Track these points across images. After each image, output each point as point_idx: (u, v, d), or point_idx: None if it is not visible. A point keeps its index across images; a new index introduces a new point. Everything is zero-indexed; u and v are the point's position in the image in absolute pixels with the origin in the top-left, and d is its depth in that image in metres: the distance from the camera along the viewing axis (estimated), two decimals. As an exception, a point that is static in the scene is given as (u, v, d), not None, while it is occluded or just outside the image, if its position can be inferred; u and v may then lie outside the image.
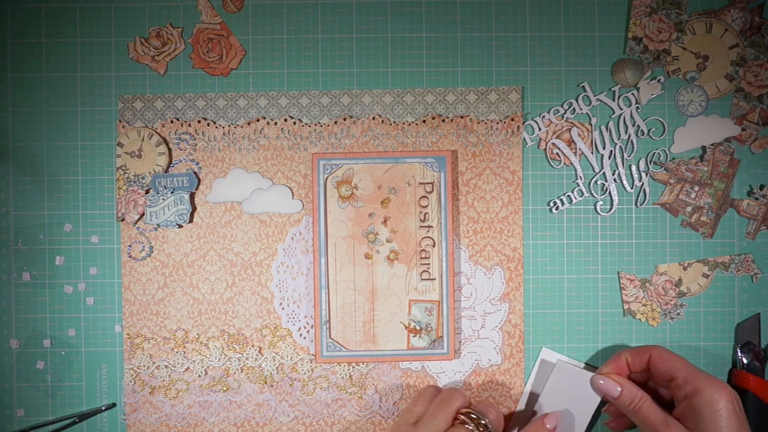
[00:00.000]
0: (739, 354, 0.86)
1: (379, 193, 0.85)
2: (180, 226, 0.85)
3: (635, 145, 0.86)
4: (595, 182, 0.86)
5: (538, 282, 0.87)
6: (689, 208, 0.86)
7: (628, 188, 0.86)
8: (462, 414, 0.77)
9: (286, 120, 0.86)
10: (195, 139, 0.85)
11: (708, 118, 0.86)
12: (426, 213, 0.84)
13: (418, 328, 0.85)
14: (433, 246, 0.84)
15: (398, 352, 0.85)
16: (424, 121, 0.86)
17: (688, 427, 0.74)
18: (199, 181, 0.85)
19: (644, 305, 0.87)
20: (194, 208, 0.85)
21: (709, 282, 0.87)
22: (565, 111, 0.86)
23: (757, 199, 0.86)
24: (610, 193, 0.86)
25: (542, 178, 0.87)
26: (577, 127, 0.86)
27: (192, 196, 0.85)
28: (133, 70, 0.87)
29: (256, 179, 0.85)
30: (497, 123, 0.85)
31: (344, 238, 0.85)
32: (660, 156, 0.86)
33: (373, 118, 0.86)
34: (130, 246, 0.86)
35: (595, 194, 0.86)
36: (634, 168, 0.86)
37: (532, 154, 0.87)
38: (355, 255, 0.85)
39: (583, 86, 0.86)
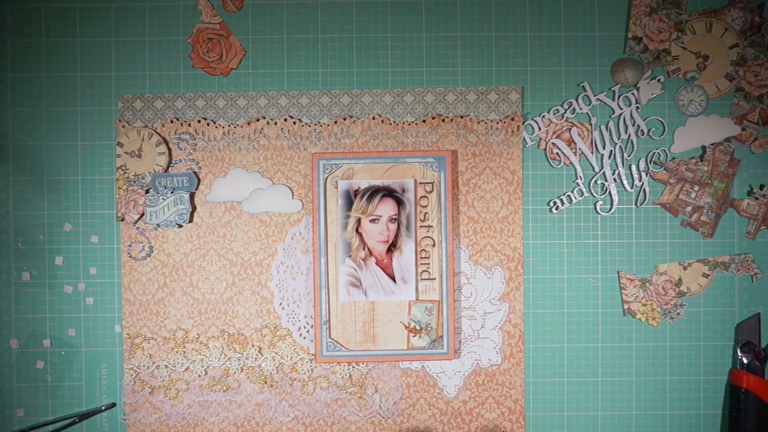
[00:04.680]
0: (739, 354, 0.86)
1: (379, 192, 0.85)
2: (180, 226, 0.85)
3: (635, 145, 0.86)
4: (595, 182, 0.86)
5: (538, 282, 0.87)
6: (689, 208, 0.86)
7: (628, 188, 0.86)
8: None
9: (286, 120, 0.85)
10: (195, 139, 0.85)
11: (708, 117, 0.86)
12: (426, 213, 0.84)
13: (418, 327, 0.85)
14: (433, 246, 0.84)
15: (398, 352, 0.85)
16: (424, 121, 0.85)
17: None
18: (199, 180, 0.85)
19: (644, 305, 0.87)
20: (194, 208, 0.85)
21: (709, 282, 0.87)
22: (565, 111, 0.86)
23: (757, 198, 0.86)
24: (610, 192, 0.86)
25: (542, 178, 0.87)
26: (577, 127, 0.86)
27: (192, 196, 0.85)
28: (132, 70, 0.87)
29: (256, 179, 0.85)
30: (497, 123, 0.85)
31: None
32: (660, 156, 0.86)
33: (373, 118, 0.85)
34: (130, 246, 0.86)
35: (595, 194, 0.86)
36: (634, 168, 0.86)
37: (532, 154, 0.87)
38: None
39: (583, 86, 0.86)
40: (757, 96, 0.86)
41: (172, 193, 0.84)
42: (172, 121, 0.86)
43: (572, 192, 0.87)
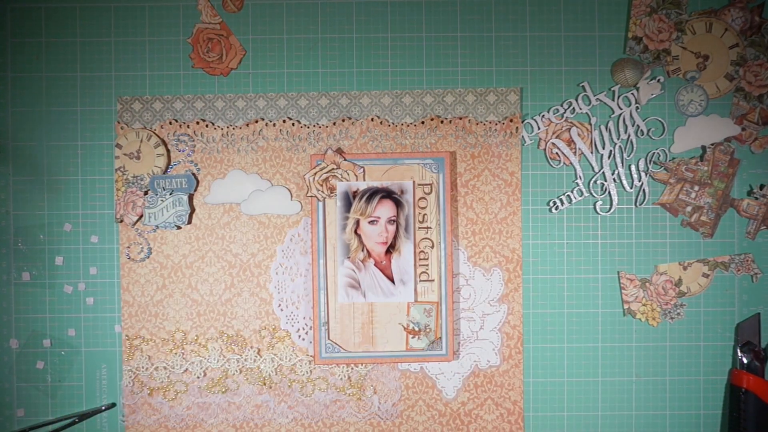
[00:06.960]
0: (739, 354, 0.86)
1: (378, 193, 0.85)
2: (179, 228, 0.85)
3: (635, 145, 0.86)
4: (595, 182, 0.86)
5: (537, 282, 0.87)
6: (689, 208, 0.86)
7: (628, 188, 0.86)
8: None
9: (284, 121, 0.85)
10: (194, 141, 0.85)
11: (708, 117, 0.86)
12: (425, 214, 0.84)
13: (416, 329, 0.85)
14: (432, 247, 0.84)
15: (397, 354, 0.85)
16: (422, 123, 0.85)
17: None
18: (197, 182, 0.85)
19: (644, 305, 0.86)
20: (193, 210, 0.85)
21: (709, 282, 0.87)
22: (565, 111, 0.86)
23: (757, 198, 0.86)
24: (609, 192, 0.86)
25: (542, 178, 0.87)
26: (577, 127, 0.86)
27: (191, 198, 0.85)
28: (132, 70, 0.87)
29: (254, 180, 0.85)
30: (496, 124, 0.85)
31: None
32: (660, 156, 0.86)
33: (372, 120, 0.85)
34: (128, 247, 0.86)
35: (594, 194, 0.86)
36: (633, 168, 0.86)
37: (532, 154, 0.86)
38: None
39: (582, 86, 0.86)
40: (757, 96, 0.86)
41: (170, 194, 0.84)
42: (170, 123, 0.85)
43: (572, 192, 0.86)
